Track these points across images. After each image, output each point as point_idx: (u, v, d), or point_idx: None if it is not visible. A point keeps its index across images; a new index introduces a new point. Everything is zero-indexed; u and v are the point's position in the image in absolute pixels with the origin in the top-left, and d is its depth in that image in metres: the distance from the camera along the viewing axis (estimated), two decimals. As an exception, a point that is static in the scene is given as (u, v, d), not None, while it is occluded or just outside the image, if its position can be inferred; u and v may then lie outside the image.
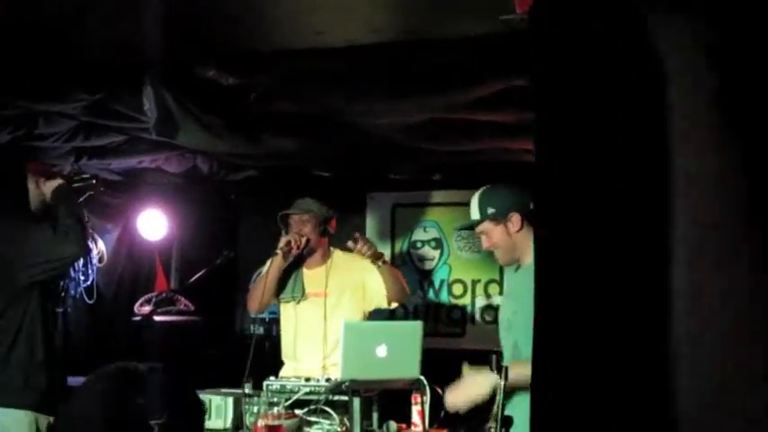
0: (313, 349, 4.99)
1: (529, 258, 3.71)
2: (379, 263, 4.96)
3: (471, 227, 3.84)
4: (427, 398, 4.20)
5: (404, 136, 4.81)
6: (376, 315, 5.30)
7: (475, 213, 3.78)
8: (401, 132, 4.73)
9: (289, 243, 4.94)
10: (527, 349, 3.53)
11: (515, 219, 3.70)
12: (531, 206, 3.64)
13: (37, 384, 4.33)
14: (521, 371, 3.19)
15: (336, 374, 4.50)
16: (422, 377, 4.20)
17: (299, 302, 5.07)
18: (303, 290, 5.07)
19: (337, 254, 5.14)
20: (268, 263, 5.05)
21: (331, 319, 4.98)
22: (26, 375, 4.32)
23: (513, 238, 3.72)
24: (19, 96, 4.03)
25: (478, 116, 4.42)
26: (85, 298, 6.01)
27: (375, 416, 4.38)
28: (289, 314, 5.12)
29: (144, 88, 3.79)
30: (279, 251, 4.94)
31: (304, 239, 4.98)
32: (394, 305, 5.13)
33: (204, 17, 3.35)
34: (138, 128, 4.34)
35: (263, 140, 4.69)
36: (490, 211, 3.72)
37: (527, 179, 3.79)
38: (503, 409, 3.15)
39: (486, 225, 3.75)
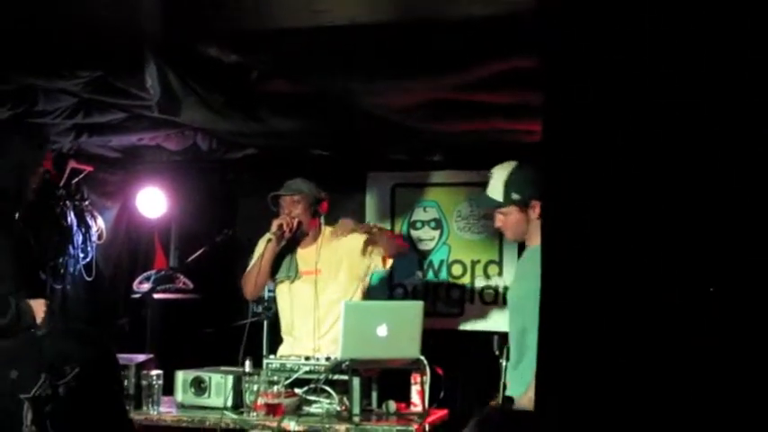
0: (308, 327, 5.00)
1: (537, 240, 3.72)
2: (374, 230, 5.00)
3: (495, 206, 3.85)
4: (427, 377, 4.22)
5: (404, 116, 4.80)
6: (376, 294, 5.30)
7: (497, 193, 3.78)
8: (402, 112, 4.72)
9: (281, 227, 4.92)
10: (533, 335, 3.53)
11: (537, 207, 3.72)
12: None
13: None
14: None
15: (332, 352, 4.52)
16: (422, 357, 4.22)
17: (293, 282, 5.07)
18: (297, 269, 5.07)
19: (328, 230, 5.14)
20: (261, 245, 5.05)
21: (323, 296, 4.98)
22: None
23: (529, 224, 3.75)
24: (20, 72, 4.01)
25: (480, 97, 4.41)
26: (84, 275, 6.02)
27: (374, 395, 4.40)
28: (284, 293, 5.13)
29: (147, 66, 3.77)
30: (272, 236, 4.93)
31: (295, 221, 4.96)
32: (389, 263, 5.10)
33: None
34: (140, 105, 4.33)
35: (264, 119, 4.68)
36: (515, 197, 3.74)
37: (529, 160, 3.81)
38: (504, 389, 3.17)
39: (509, 208, 3.77)
